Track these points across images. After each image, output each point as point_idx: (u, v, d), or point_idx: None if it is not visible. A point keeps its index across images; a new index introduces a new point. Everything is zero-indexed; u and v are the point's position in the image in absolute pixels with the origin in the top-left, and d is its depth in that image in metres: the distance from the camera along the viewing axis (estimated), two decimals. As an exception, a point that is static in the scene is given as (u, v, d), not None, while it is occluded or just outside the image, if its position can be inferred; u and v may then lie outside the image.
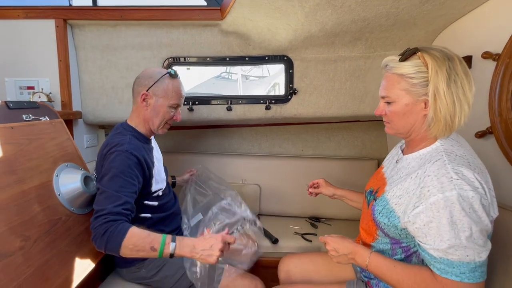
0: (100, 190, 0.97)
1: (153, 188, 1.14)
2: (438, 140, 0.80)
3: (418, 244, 0.77)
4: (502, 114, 1.06)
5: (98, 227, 0.90)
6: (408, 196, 0.78)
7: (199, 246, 0.91)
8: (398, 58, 0.81)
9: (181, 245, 0.92)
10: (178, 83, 1.17)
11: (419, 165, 0.80)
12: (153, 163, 1.16)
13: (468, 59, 1.19)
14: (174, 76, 1.15)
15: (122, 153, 1.01)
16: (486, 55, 1.11)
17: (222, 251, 0.91)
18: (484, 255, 0.70)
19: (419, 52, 0.77)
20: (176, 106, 1.17)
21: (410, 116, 0.80)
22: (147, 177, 1.11)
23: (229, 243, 0.95)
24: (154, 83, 1.12)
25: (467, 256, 0.68)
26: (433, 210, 0.70)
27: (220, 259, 0.92)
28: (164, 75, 1.13)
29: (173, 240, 0.91)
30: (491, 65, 1.09)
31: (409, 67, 0.77)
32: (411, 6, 1.16)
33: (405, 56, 0.79)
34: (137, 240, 0.89)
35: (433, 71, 0.74)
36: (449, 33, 1.36)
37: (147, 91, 1.12)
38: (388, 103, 0.84)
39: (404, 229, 0.79)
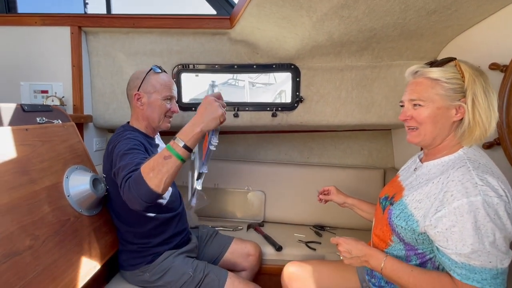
0: (116, 171, 0.96)
1: None
2: (461, 149, 0.81)
3: (438, 249, 0.77)
4: (510, 125, 1.05)
5: (123, 192, 0.87)
6: (429, 200, 0.78)
7: (200, 118, 0.89)
8: (425, 66, 0.84)
9: (186, 132, 0.88)
10: (164, 76, 1.21)
11: (441, 171, 0.80)
12: (157, 149, 1.20)
13: (475, 70, 1.19)
14: (157, 71, 1.19)
15: (124, 139, 1.06)
16: (494, 67, 1.11)
17: (219, 103, 0.92)
18: (506, 263, 0.69)
19: (456, 61, 0.81)
20: (170, 98, 1.20)
21: (440, 120, 0.81)
22: None
23: (219, 97, 0.97)
24: (142, 82, 1.17)
25: (490, 262, 0.68)
26: (457, 214, 0.70)
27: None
28: (148, 72, 1.18)
29: (175, 138, 0.88)
30: (498, 76, 1.09)
31: (444, 72, 0.80)
32: (418, 17, 1.18)
33: (439, 62, 0.82)
34: (150, 165, 0.84)
35: (471, 79, 0.77)
36: (456, 44, 1.37)
37: (138, 91, 1.17)
38: (418, 105, 0.83)
39: (422, 233, 0.79)
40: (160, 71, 1.20)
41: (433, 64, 0.83)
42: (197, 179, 1.14)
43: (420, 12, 1.14)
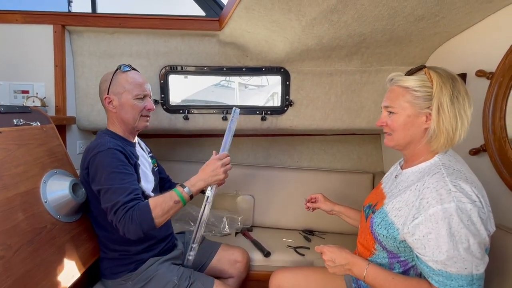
0: (103, 189, 0.99)
1: (142, 184, 1.12)
2: (436, 155, 0.82)
3: (417, 256, 0.77)
4: (496, 132, 1.06)
5: (121, 219, 0.95)
6: (407, 208, 0.78)
7: (204, 175, 1.07)
8: (403, 74, 0.86)
9: (193, 185, 1.05)
10: (132, 74, 1.15)
11: (418, 178, 0.81)
12: (137, 157, 1.16)
13: (462, 77, 1.20)
14: (125, 69, 1.14)
15: (106, 151, 1.02)
16: (480, 73, 1.12)
17: (224, 169, 1.09)
18: (481, 268, 0.70)
19: (426, 68, 0.82)
20: (142, 97, 1.15)
21: (411, 127, 0.82)
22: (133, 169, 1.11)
23: (227, 162, 1.12)
24: (110, 84, 1.12)
25: (465, 268, 0.69)
26: (432, 221, 0.71)
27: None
28: (115, 72, 1.13)
29: (184, 186, 1.04)
30: (485, 83, 1.10)
31: (414, 81, 0.81)
32: (407, 23, 1.18)
33: (412, 71, 0.84)
34: (162, 206, 0.98)
35: (438, 86, 0.78)
36: (443, 51, 1.38)
37: (107, 94, 1.13)
38: (391, 113, 0.85)
39: (403, 241, 0.80)
40: (129, 69, 1.15)
41: (407, 72, 0.85)
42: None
43: (408, 18, 1.14)
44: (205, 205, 1.12)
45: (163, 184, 1.42)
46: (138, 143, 1.27)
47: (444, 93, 0.77)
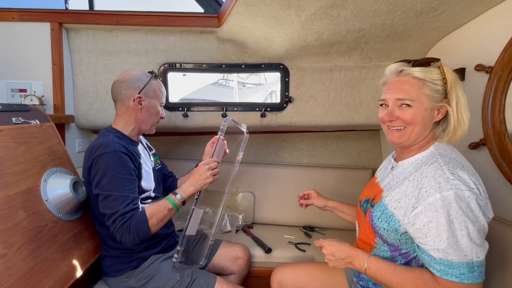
0: (103, 195, 1.00)
1: (142, 184, 1.12)
2: (432, 145, 0.83)
3: (418, 246, 0.77)
4: (495, 126, 1.06)
5: (119, 229, 0.98)
6: (407, 198, 0.79)
7: (194, 181, 1.10)
8: (407, 64, 0.83)
9: (185, 191, 1.09)
10: (161, 82, 1.24)
11: (415, 168, 0.81)
12: (140, 157, 1.16)
13: (461, 71, 1.21)
14: (157, 76, 1.22)
15: (111, 154, 1.02)
16: (479, 68, 1.12)
17: (211, 172, 1.11)
18: (481, 255, 0.70)
19: (440, 61, 0.81)
20: (163, 105, 1.25)
21: (427, 122, 0.82)
22: (137, 170, 1.12)
23: (214, 167, 1.13)
24: (145, 86, 1.14)
25: (465, 256, 0.69)
26: (432, 210, 0.71)
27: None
28: (151, 77, 1.18)
29: (176, 194, 1.08)
30: (484, 77, 1.10)
31: (430, 73, 0.80)
32: (406, 18, 1.18)
33: (423, 61, 0.82)
34: (157, 216, 1.03)
35: (453, 81, 0.79)
36: (443, 45, 1.38)
37: (139, 93, 1.12)
38: (407, 105, 0.81)
39: (404, 233, 0.80)
40: (157, 77, 1.22)
41: (416, 62, 0.83)
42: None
43: (407, 13, 1.14)
44: (190, 217, 1.13)
45: (166, 179, 1.42)
46: (141, 141, 1.27)
47: (459, 87, 0.80)
